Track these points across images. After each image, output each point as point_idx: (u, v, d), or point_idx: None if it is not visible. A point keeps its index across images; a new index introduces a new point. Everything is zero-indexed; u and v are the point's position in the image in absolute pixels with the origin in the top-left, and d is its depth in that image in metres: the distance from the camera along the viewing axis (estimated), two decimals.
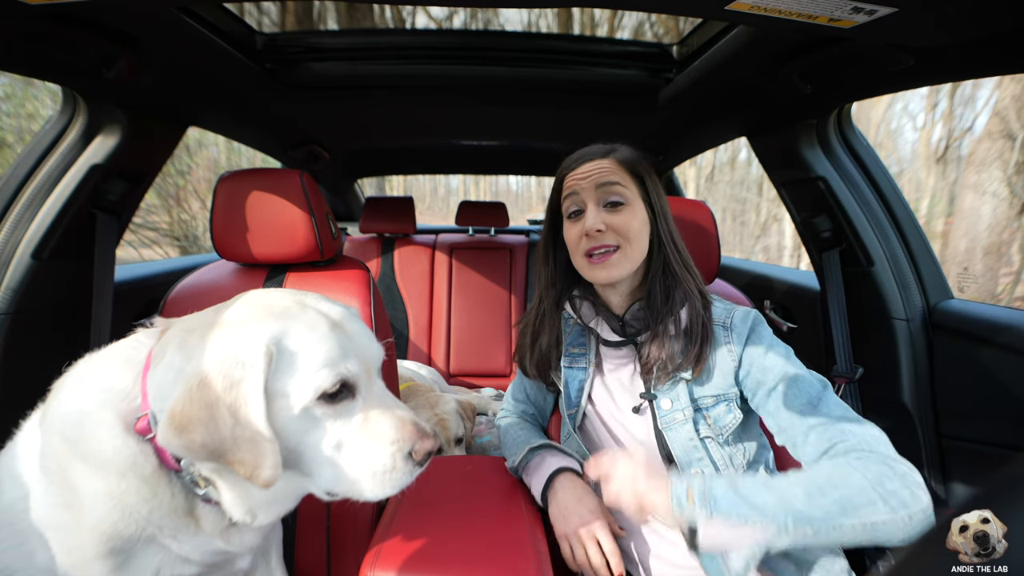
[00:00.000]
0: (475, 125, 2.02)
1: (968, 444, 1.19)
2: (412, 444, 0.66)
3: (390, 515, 0.96)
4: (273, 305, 0.66)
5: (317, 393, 0.61)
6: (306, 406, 0.61)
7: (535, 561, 0.81)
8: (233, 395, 0.57)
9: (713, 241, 1.26)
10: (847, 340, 1.39)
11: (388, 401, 0.69)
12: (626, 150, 0.98)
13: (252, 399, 0.58)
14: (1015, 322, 1.11)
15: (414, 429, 0.67)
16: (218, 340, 0.60)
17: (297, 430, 0.62)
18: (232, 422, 0.57)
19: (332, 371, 0.62)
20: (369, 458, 0.64)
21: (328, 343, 0.63)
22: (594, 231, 0.90)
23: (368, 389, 0.67)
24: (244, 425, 0.57)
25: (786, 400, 0.84)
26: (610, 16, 1.55)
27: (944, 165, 7.25)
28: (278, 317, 0.63)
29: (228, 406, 0.57)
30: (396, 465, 0.65)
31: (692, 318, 0.91)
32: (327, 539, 1.04)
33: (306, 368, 0.61)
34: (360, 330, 0.71)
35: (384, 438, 0.65)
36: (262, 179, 1.11)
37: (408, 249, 2.52)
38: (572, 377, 1.03)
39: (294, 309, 0.65)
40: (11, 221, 1.17)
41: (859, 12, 0.75)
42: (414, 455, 0.66)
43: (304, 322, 0.64)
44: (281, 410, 0.61)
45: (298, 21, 1.46)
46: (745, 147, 6.09)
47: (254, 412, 0.57)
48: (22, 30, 0.86)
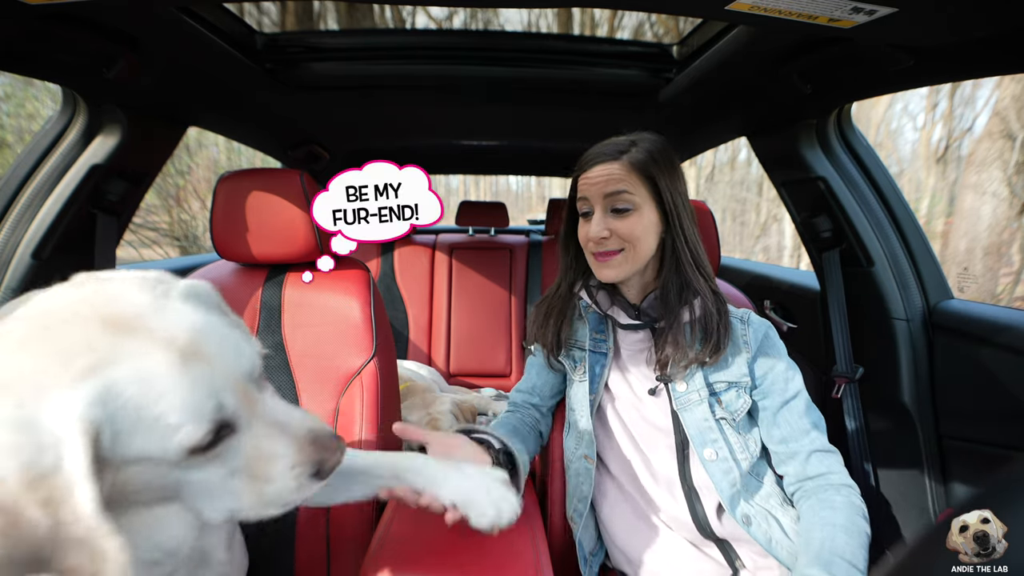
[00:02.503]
0: (475, 125, 2.02)
1: (968, 444, 1.19)
2: (318, 465, 0.57)
3: (390, 516, 0.96)
4: (70, 338, 0.44)
5: (183, 453, 0.47)
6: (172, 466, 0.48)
7: (535, 562, 0.81)
8: (44, 491, 0.41)
9: (713, 241, 1.26)
10: (847, 340, 1.39)
11: (279, 416, 0.57)
12: (643, 148, 0.94)
13: (78, 489, 0.41)
14: (1015, 322, 1.11)
15: (315, 448, 0.57)
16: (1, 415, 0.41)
17: (167, 487, 0.51)
18: (49, 523, 0.41)
19: (197, 426, 0.47)
20: (269, 486, 0.55)
21: (181, 391, 0.46)
22: (598, 238, 0.92)
23: (252, 414, 0.54)
24: (69, 524, 0.42)
25: (800, 417, 0.92)
26: (610, 16, 1.55)
27: (944, 165, 7.25)
28: (88, 362, 0.43)
29: (40, 503, 0.41)
30: (301, 485, 0.56)
31: (706, 313, 0.92)
32: (327, 540, 1.04)
33: (160, 430, 0.45)
34: (223, 341, 0.53)
35: (281, 462, 0.55)
36: (262, 179, 1.11)
37: (408, 249, 2.52)
38: (595, 362, 1.04)
39: (108, 343, 0.45)
40: (11, 221, 1.17)
41: (859, 12, 0.75)
42: (320, 475, 0.57)
43: (137, 364, 0.45)
44: (140, 474, 0.47)
45: (298, 21, 1.46)
46: (745, 147, 6.09)
47: (82, 506, 0.41)
48: (22, 30, 0.86)
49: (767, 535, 0.88)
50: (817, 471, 0.89)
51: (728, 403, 0.93)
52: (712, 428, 0.91)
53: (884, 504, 1.30)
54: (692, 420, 0.92)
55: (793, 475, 0.92)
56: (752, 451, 0.93)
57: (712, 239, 1.26)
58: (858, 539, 0.80)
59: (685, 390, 0.94)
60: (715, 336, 0.91)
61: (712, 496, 0.91)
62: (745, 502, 0.90)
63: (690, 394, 0.94)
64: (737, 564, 0.90)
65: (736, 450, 0.91)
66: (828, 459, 0.90)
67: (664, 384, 0.96)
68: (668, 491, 0.94)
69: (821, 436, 0.92)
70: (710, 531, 0.91)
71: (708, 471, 0.90)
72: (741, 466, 0.90)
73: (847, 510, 0.84)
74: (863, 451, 1.32)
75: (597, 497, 1.04)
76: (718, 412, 0.92)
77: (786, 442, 0.92)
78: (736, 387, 0.93)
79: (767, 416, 0.94)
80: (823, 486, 0.88)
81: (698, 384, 0.93)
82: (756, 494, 0.92)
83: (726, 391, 0.93)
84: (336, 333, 1.10)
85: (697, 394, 0.93)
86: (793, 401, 0.93)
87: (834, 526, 0.82)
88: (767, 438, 0.95)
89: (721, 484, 0.89)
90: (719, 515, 0.91)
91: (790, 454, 0.92)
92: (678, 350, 0.91)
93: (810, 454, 0.90)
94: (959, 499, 1.20)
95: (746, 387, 0.93)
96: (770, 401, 0.93)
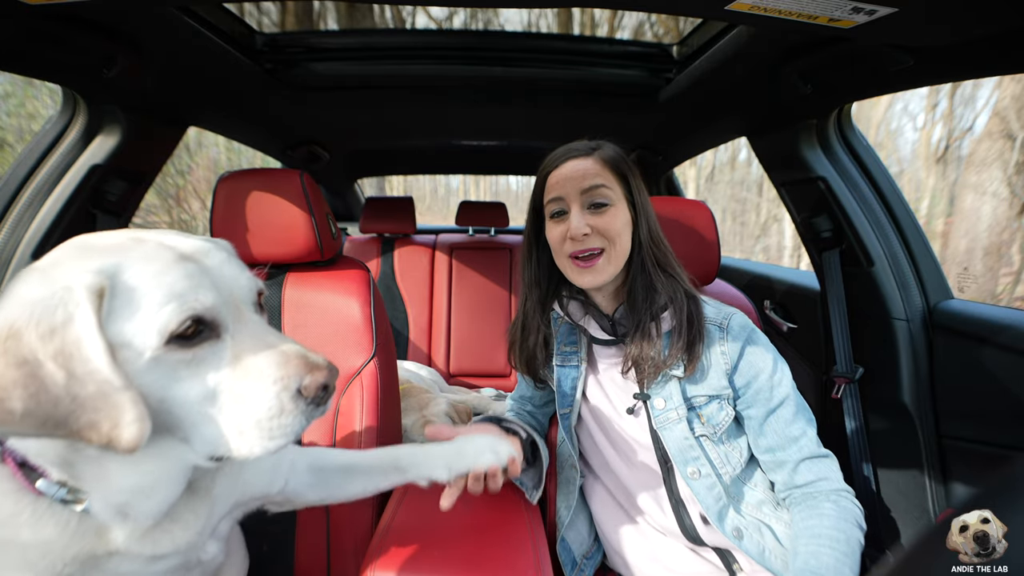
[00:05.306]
0: (475, 125, 2.02)
1: (968, 444, 1.19)
2: (300, 380, 0.54)
3: (390, 515, 0.96)
4: (98, 242, 0.53)
5: (164, 336, 0.49)
6: (156, 355, 0.49)
7: (535, 560, 0.81)
8: (57, 343, 0.45)
9: (713, 241, 1.26)
10: (847, 340, 1.39)
11: (268, 337, 0.58)
12: (610, 148, 0.95)
13: (87, 341, 0.45)
14: (1015, 322, 1.11)
15: (301, 362, 0.56)
16: (25, 286, 0.47)
17: (152, 386, 0.50)
18: (64, 377, 0.45)
19: (179, 307, 0.49)
20: (250, 404, 0.53)
21: (172, 275, 0.51)
22: (580, 235, 0.88)
23: (239, 325, 0.56)
24: (82, 377, 0.45)
25: (787, 425, 0.88)
26: (610, 16, 1.55)
27: (944, 165, 7.24)
28: (105, 253, 0.51)
29: (53, 357, 0.44)
30: (284, 407, 0.54)
31: (677, 315, 0.89)
32: (327, 539, 1.04)
33: (147, 307, 0.49)
34: (223, 261, 0.58)
35: (264, 377, 0.54)
36: (262, 179, 1.11)
37: (408, 249, 2.52)
38: (565, 376, 1.02)
39: (127, 244, 0.53)
40: (11, 221, 1.17)
41: (859, 12, 0.75)
42: (303, 391, 0.55)
43: (140, 254, 0.51)
44: (126, 362, 0.49)
45: (298, 21, 1.46)
46: (745, 147, 6.09)
47: (94, 358, 0.45)
48: (22, 30, 0.86)
49: (759, 546, 0.86)
50: (806, 479, 0.87)
51: (710, 417, 0.90)
52: (693, 446, 0.89)
53: (884, 504, 1.30)
54: (672, 439, 0.90)
55: (782, 483, 0.90)
56: (736, 462, 0.91)
57: (712, 239, 1.26)
58: (844, 550, 0.78)
59: (664, 407, 0.91)
60: (684, 340, 0.88)
61: (699, 507, 0.90)
62: (735, 513, 0.89)
63: (669, 412, 0.90)
64: (735, 567, 0.90)
65: (718, 465, 0.89)
66: (818, 465, 0.87)
67: (643, 402, 0.93)
68: (655, 502, 0.94)
69: (810, 443, 0.88)
70: (700, 540, 0.90)
71: (692, 488, 0.88)
72: (724, 480, 0.89)
73: (836, 519, 0.81)
74: (863, 451, 1.32)
75: (590, 502, 1.04)
76: (698, 429, 0.90)
77: (773, 451, 0.89)
78: (717, 399, 0.90)
79: (753, 425, 0.91)
80: (812, 494, 0.86)
81: (676, 401, 0.90)
82: (746, 503, 0.90)
83: (707, 405, 0.90)
84: (336, 333, 1.10)
85: (676, 412, 0.90)
86: (780, 409, 0.88)
87: (819, 538, 0.79)
88: (754, 446, 0.92)
89: (706, 500, 0.87)
90: (707, 524, 0.90)
91: (778, 463, 0.89)
92: (651, 365, 0.88)
93: (798, 463, 0.87)
94: (959, 499, 1.20)
95: (728, 399, 0.90)
96: (755, 411, 0.90)
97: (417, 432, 1.53)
